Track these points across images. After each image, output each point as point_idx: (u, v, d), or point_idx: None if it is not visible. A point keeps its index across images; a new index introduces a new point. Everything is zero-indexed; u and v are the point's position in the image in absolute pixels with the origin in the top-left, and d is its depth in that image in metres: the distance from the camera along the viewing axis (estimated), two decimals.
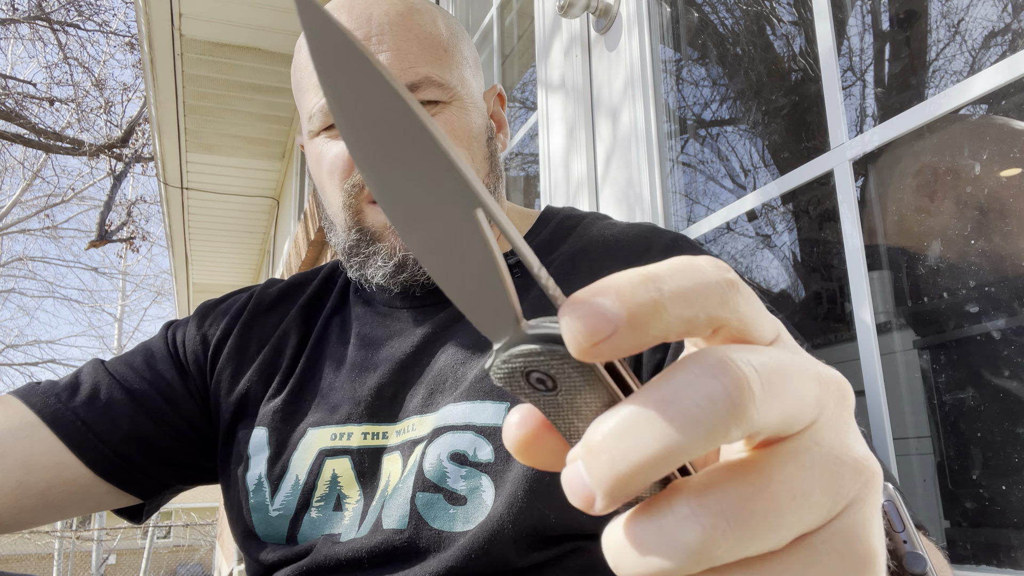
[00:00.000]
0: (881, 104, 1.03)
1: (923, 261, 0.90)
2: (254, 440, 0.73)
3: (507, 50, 2.15)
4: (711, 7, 1.38)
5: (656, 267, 0.22)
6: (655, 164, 1.18)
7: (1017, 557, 0.71)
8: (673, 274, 0.22)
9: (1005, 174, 0.81)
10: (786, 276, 1.22)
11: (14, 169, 15.30)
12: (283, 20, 3.76)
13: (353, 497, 0.68)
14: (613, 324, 0.20)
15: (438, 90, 0.70)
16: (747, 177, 1.29)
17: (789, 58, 1.20)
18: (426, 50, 0.70)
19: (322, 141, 0.72)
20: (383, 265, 0.70)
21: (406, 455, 0.66)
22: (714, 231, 1.11)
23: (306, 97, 0.72)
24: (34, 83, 11.34)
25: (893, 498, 0.36)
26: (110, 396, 0.75)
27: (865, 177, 0.97)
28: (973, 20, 0.88)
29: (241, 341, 0.80)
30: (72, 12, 11.12)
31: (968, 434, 0.80)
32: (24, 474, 0.70)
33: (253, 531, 0.71)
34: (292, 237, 4.60)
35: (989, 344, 0.78)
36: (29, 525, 0.73)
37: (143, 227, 14.58)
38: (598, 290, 0.21)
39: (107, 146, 10.61)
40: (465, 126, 0.72)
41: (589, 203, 1.29)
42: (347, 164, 0.71)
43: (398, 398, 0.71)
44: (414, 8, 0.72)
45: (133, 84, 14.27)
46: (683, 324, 0.21)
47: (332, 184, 0.72)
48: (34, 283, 27.32)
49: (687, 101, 1.34)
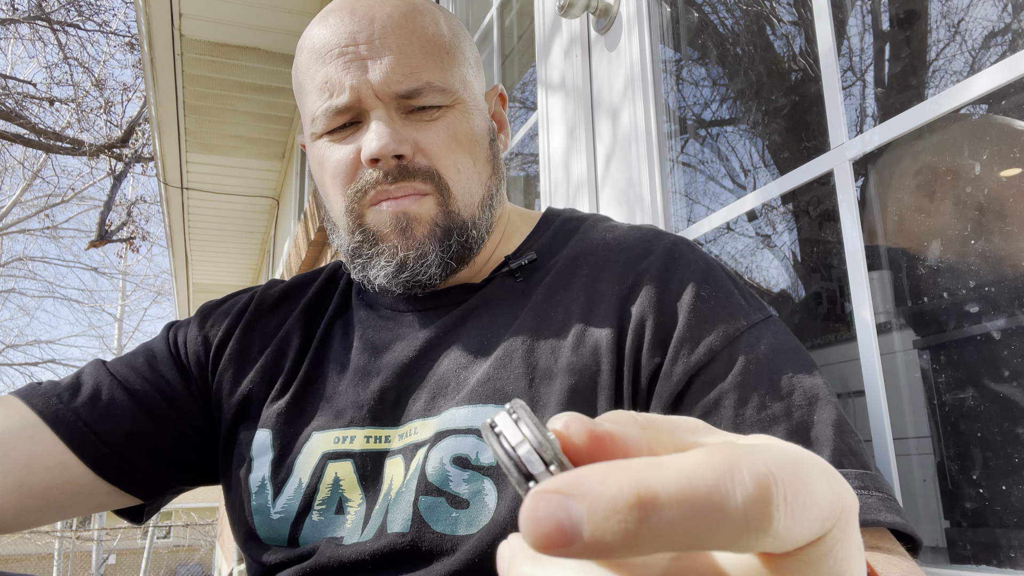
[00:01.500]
0: (881, 104, 1.03)
1: (923, 261, 0.90)
2: (257, 442, 0.73)
3: (507, 50, 2.15)
4: (711, 7, 1.38)
5: (660, 480, 0.18)
6: (655, 164, 1.18)
7: (1017, 557, 0.71)
8: (678, 501, 0.18)
9: (1005, 174, 0.81)
10: (786, 276, 1.22)
11: (14, 169, 15.30)
12: (283, 20, 3.76)
13: (355, 501, 0.68)
14: (570, 538, 0.18)
15: (440, 95, 0.70)
16: (747, 177, 1.29)
17: (789, 58, 1.20)
18: (428, 54, 0.70)
19: (324, 144, 0.72)
20: (385, 265, 0.71)
21: (408, 458, 0.66)
22: (714, 231, 1.11)
23: (308, 99, 0.72)
24: (34, 83, 11.33)
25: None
26: (111, 397, 0.75)
27: (865, 177, 0.97)
28: (973, 20, 0.88)
29: (243, 342, 0.80)
30: (72, 12, 11.11)
31: (968, 434, 0.80)
32: (25, 475, 0.70)
33: (255, 533, 0.71)
34: (292, 237, 4.60)
35: (989, 344, 0.78)
36: (30, 525, 0.73)
37: (143, 227, 14.58)
38: (571, 484, 0.18)
39: (107, 146, 10.61)
40: (468, 129, 0.72)
41: (589, 203, 1.29)
42: (351, 168, 0.70)
43: (401, 401, 0.71)
44: (416, 10, 0.71)
45: (133, 84, 14.27)
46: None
47: (335, 188, 0.72)
48: (34, 283, 27.34)
49: (687, 101, 1.34)
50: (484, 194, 0.74)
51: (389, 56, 0.68)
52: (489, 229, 0.75)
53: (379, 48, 0.68)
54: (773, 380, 0.61)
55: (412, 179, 0.69)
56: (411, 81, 0.68)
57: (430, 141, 0.69)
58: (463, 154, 0.71)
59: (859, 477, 0.56)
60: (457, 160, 0.71)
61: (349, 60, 0.68)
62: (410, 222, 0.69)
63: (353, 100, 0.68)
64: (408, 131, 0.69)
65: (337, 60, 0.68)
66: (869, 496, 0.55)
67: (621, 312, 0.67)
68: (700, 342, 0.63)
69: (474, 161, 0.72)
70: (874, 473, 0.57)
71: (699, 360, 0.62)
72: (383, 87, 0.67)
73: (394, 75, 0.68)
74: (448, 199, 0.70)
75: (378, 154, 0.67)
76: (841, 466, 0.56)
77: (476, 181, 0.73)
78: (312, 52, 0.71)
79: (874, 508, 0.54)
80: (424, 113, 0.70)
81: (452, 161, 0.70)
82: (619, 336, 0.65)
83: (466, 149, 0.72)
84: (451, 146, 0.70)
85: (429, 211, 0.70)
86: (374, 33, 0.68)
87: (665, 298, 0.66)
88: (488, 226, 0.75)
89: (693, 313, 0.65)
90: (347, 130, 0.71)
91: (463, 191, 0.71)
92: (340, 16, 0.70)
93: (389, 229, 0.70)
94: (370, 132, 0.68)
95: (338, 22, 0.70)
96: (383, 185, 0.69)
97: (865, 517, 0.53)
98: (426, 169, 0.69)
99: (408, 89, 0.68)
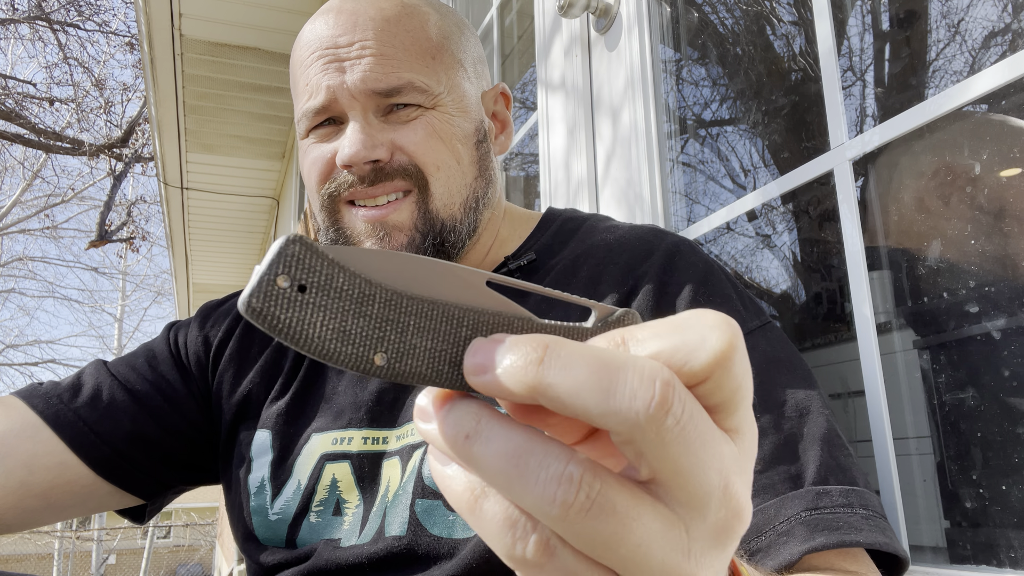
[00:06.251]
0: (881, 104, 1.03)
1: (923, 261, 0.90)
2: (257, 442, 0.73)
3: (507, 50, 2.15)
4: (711, 7, 1.38)
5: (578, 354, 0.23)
6: (655, 164, 1.18)
7: (1017, 557, 0.71)
8: (572, 364, 0.23)
9: (1005, 174, 0.81)
10: (786, 276, 1.22)
11: (14, 169, 15.31)
12: (283, 20, 3.76)
13: (352, 502, 0.68)
14: (486, 368, 0.24)
15: (420, 95, 0.70)
16: (747, 177, 1.29)
17: (789, 58, 1.20)
18: (411, 54, 0.70)
19: (308, 143, 0.73)
20: None
21: (405, 460, 0.66)
22: (714, 231, 1.11)
23: (297, 100, 0.73)
24: (34, 83, 11.34)
25: None
26: (112, 397, 0.75)
27: (865, 177, 0.98)
28: (973, 20, 0.88)
29: (243, 342, 0.80)
30: (72, 12, 11.11)
31: (968, 434, 0.80)
32: (26, 475, 0.70)
33: (253, 533, 0.71)
34: None
35: (989, 344, 0.78)
36: (32, 525, 0.73)
37: (143, 227, 14.57)
38: (507, 341, 0.24)
39: (107, 146, 10.61)
40: (448, 130, 0.72)
41: (589, 203, 1.29)
42: (326, 167, 0.71)
43: (398, 403, 0.71)
44: (404, 12, 0.71)
45: (133, 84, 14.27)
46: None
47: (312, 187, 0.73)
48: (34, 283, 27.34)
49: (687, 101, 1.34)
50: (468, 195, 0.73)
51: (369, 57, 0.68)
52: (472, 232, 0.74)
53: (359, 49, 0.68)
54: (764, 392, 0.60)
55: (391, 179, 0.69)
56: (390, 79, 0.68)
57: (408, 139, 0.70)
58: (444, 152, 0.71)
59: (844, 495, 0.55)
60: (437, 157, 0.71)
61: (328, 62, 0.69)
62: (388, 230, 0.70)
63: (329, 100, 0.69)
64: (385, 133, 0.69)
65: (317, 62, 0.69)
66: (852, 514, 0.54)
67: None
68: None
69: (457, 161, 0.72)
70: (860, 490, 0.56)
71: None
72: (360, 86, 0.68)
73: (372, 74, 0.68)
74: (427, 197, 0.70)
75: (350, 161, 0.68)
76: (826, 482, 0.55)
77: (459, 182, 0.72)
78: (298, 54, 0.72)
79: (855, 527, 0.53)
80: (403, 113, 0.70)
81: (432, 158, 0.70)
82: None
83: (447, 147, 0.71)
84: (430, 143, 0.70)
85: (409, 216, 0.70)
86: (356, 35, 0.69)
87: (662, 302, 0.66)
88: (471, 229, 0.74)
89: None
90: (329, 130, 0.71)
91: (443, 190, 0.71)
92: (326, 18, 0.71)
93: (364, 235, 0.70)
94: (345, 137, 0.69)
95: (323, 24, 0.70)
96: (358, 187, 0.69)
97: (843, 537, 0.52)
98: (406, 166, 0.69)
99: (386, 87, 0.68)
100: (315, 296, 0.24)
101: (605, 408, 0.22)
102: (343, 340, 0.25)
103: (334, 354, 0.25)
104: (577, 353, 0.23)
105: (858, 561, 0.54)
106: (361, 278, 0.25)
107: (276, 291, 0.24)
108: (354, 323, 0.25)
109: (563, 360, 0.23)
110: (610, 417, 0.22)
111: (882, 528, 0.54)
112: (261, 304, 0.24)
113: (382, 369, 0.26)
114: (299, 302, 0.24)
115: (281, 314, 0.24)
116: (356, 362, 0.25)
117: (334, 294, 0.25)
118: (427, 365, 0.26)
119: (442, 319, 0.26)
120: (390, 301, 0.26)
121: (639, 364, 0.23)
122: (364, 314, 0.25)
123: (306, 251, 0.24)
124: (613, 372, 0.22)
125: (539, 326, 0.28)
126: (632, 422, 0.22)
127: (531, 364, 0.23)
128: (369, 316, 0.25)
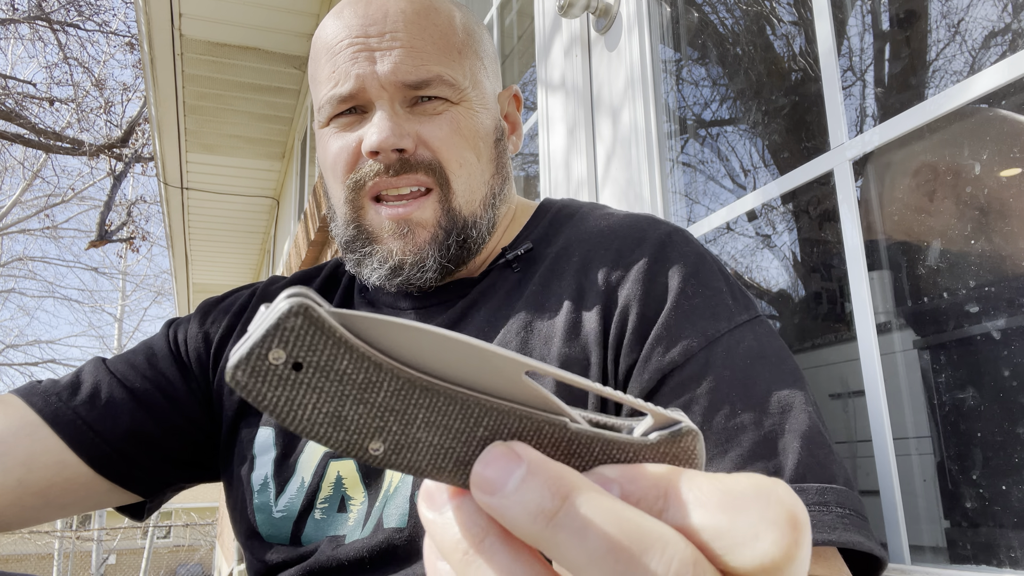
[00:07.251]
0: (881, 104, 1.03)
1: (923, 261, 0.90)
2: (259, 439, 0.73)
3: (507, 50, 2.15)
4: (711, 7, 1.38)
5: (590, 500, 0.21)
6: (655, 164, 1.18)
7: (1017, 557, 0.71)
8: (596, 534, 0.20)
9: (1005, 174, 0.81)
10: (786, 276, 1.22)
11: (14, 169, 15.31)
12: (283, 20, 3.76)
13: (358, 499, 0.68)
14: (497, 488, 0.22)
15: (447, 89, 0.70)
16: (747, 177, 1.29)
17: (789, 58, 1.20)
18: (439, 48, 0.70)
19: (330, 132, 0.73)
20: (378, 268, 0.71)
21: None
22: (714, 231, 1.11)
23: (319, 89, 0.73)
24: (34, 83, 11.33)
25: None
26: (111, 395, 0.75)
27: (865, 177, 0.97)
28: (973, 20, 0.88)
29: None
30: (72, 12, 11.12)
31: (968, 434, 0.80)
32: (25, 472, 0.70)
33: (256, 531, 0.71)
34: (292, 237, 4.60)
35: (989, 344, 0.78)
36: (31, 523, 0.73)
37: (143, 227, 14.57)
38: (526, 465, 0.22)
39: (107, 146, 10.61)
40: (472, 126, 0.72)
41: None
42: (352, 156, 0.71)
43: None
44: (431, 7, 0.72)
45: (133, 84, 14.27)
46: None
47: (335, 177, 0.73)
48: (34, 283, 27.35)
49: (687, 101, 1.34)
50: (487, 192, 0.74)
51: (399, 48, 0.69)
52: (491, 228, 0.75)
53: (389, 40, 0.69)
54: (747, 387, 0.58)
55: (414, 171, 0.69)
56: (420, 72, 0.69)
57: (433, 134, 0.70)
58: (466, 149, 0.71)
59: (820, 493, 0.54)
60: (460, 155, 0.71)
61: (358, 51, 0.69)
62: (412, 228, 0.70)
63: (358, 88, 0.69)
64: (411, 124, 0.70)
65: (347, 51, 0.69)
66: (827, 513, 0.53)
67: (608, 303, 0.66)
68: (677, 341, 0.61)
69: (477, 158, 0.73)
70: (839, 488, 0.55)
71: (673, 360, 0.60)
72: (390, 77, 0.68)
73: (403, 65, 0.68)
74: (449, 194, 0.71)
75: (378, 147, 0.68)
76: (804, 480, 0.54)
77: (479, 179, 0.73)
78: (325, 43, 0.72)
79: (828, 526, 0.52)
80: (429, 106, 0.70)
81: (455, 155, 0.71)
82: (605, 328, 0.64)
83: (469, 145, 0.72)
84: (454, 140, 0.71)
85: (432, 214, 0.70)
86: (386, 26, 0.69)
87: (651, 291, 0.65)
88: (490, 225, 0.74)
89: (675, 309, 0.63)
90: (352, 119, 0.71)
91: (464, 187, 0.71)
92: (354, 9, 0.71)
93: (388, 234, 0.70)
94: (372, 124, 0.69)
95: (352, 15, 0.71)
96: (383, 177, 0.69)
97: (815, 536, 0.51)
98: (428, 161, 0.70)
99: (416, 80, 0.69)
100: (311, 376, 0.21)
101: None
102: (336, 426, 0.22)
103: (323, 437, 0.22)
104: (600, 517, 0.20)
105: (828, 562, 0.53)
106: (370, 361, 0.22)
107: (266, 367, 0.21)
108: (352, 409, 0.22)
109: (580, 522, 0.20)
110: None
111: (858, 526, 0.53)
112: (247, 379, 0.21)
113: (376, 458, 0.23)
114: (291, 381, 0.21)
115: (268, 392, 0.21)
116: (347, 448, 0.22)
117: (334, 377, 0.21)
118: (429, 461, 0.23)
119: (458, 416, 0.23)
120: (399, 391, 0.22)
121: (667, 552, 0.20)
122: (366, 401, 0.22)
123: (308, 326, 0.21)
124: (633, 557, 0.20)
125: (573, 435, 0.24)
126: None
127: (542, 515, 0.20)
128: (371, 404, 0.22)
